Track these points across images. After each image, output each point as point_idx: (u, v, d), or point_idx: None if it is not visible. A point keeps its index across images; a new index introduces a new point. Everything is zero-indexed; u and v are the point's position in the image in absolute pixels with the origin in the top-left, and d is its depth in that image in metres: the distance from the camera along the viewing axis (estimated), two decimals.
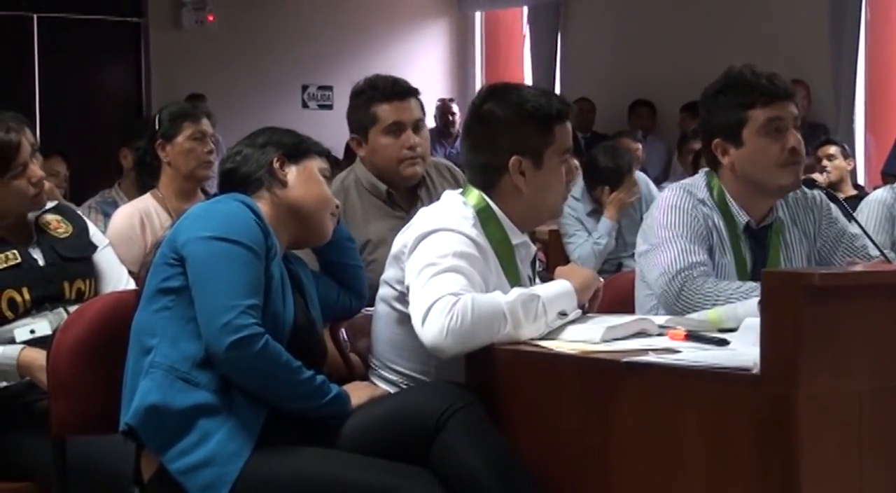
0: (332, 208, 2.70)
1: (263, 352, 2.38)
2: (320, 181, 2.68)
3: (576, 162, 6.53)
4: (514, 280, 2.67)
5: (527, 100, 2.68)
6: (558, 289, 2.58)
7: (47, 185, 3.12)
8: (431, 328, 2.44)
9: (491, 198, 2.70)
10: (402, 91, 3.49)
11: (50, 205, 3.19)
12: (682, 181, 3.18)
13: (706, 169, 3.13)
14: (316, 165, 2.69)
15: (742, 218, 3.05)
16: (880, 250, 3.15)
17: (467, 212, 2.67)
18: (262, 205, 2.60)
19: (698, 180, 3.11)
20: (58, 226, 3.14)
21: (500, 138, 2.68)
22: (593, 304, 2.70)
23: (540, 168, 2.68)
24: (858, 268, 2.83)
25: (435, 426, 2.36)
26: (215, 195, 2.76)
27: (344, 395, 2.49)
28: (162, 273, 2.49)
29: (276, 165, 2.64)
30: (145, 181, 3.89)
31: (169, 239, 2.51)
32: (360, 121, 3.50)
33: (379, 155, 3.45)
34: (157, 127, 3.86)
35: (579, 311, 2.61)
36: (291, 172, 2.65)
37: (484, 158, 2.71)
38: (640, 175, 6.34)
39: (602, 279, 2.78)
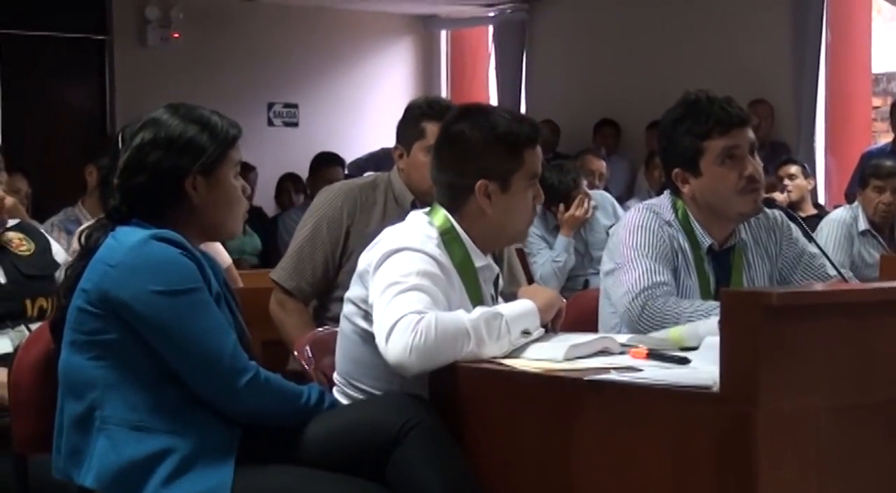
0: (244, 210, 2.59)
1: (268, 383, 2.42)
2: (235, 195, 2.56)
3: None
4: (477, 300, 2.68)
5: (498, 124, 2.69)
6: (521, 308, 2.59)
7: (10, 201, 3.12)
8: (395, 346, 2.45)
9: (456, 219, 2.71)
10: None
11: (12, 223, 3.18)
12: (649, 201, 3.21)
13: (671, 191, 3.16)
14: (228, 171, 2.53)
15: (705, 240, 3.08)
16: (837, 270, 3.19)
17: (431, 232, 2.69)
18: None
19: (664, 201, 3.13)
20: (20, 244, 3.13)
21: (469, 160, 2.69)
22: (556, 323, 2.71)
23: (506, 192, 2.70)
24: (816, 287, 2.86)
25: (393, 440, 2.37)
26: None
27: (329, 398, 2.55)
28: (89, 323, 2.40)
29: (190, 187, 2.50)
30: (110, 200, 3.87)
31: (97, 289, 2.39)
32: (406, 134, 3.57)
33: (417, 171, 3.50)
34: (120, 145, 3.85)
35: (542, 330, 2.63)
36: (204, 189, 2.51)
37: (451, 178, 2.72)
38: (604, 194, 6.40)
39: (565, 299, 2.80)
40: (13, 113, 9.35)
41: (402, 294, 2.51)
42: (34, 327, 2.90)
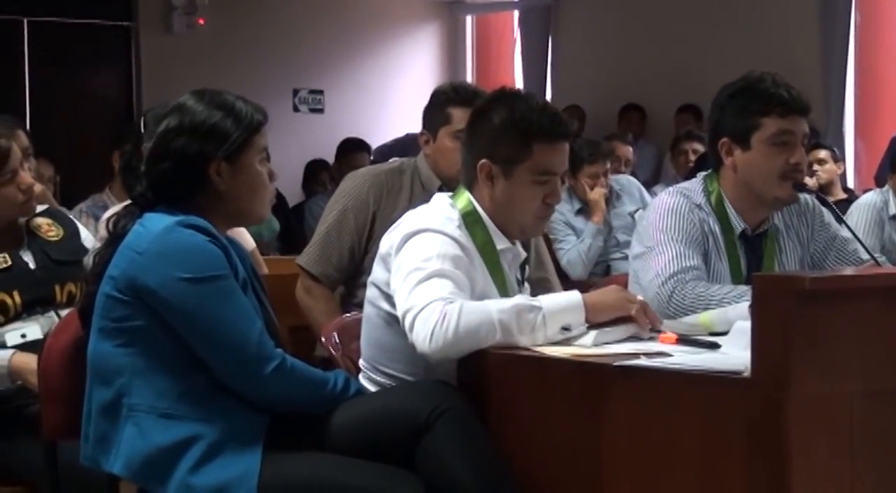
0: (271, 195, 2.62)
1: (294, 370, 2.42)
2: (260, 181, 2.55)
3: None
4: (501, 283, 2.67)
5: (517, 110, 2.68)
6: (565, 302, 2.53)
7: (39, 188, 3.12)
8: (418, 335, 2.45)
9: (473, 197, 2.71)
10: None
11: (41, 208, 3.18)
12: (680, 185, 3.20)
13: (704, 174, 3.14)
14: (253, 157, 2.52)
15: (739, 225, 3.05)
16: (870, 254, 3.16)
17: (452, 214, 2.68)
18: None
19: (696, 185, 3.12)
20: (49, 229, 3.13)
21: (480, 139, 2.71)
22: (642, 321, 2.56)
23: (509, 179, 2.68)
24: (849, 272, 2.84)
25: (421, 427, 2.36)
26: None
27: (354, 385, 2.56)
28: (117, 310, 2.41)
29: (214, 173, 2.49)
30: (132, 185, 3.87)
31: (124, 276, 2.39)
32: (433, 119, 3.57)
33: (444, 156, 3.50)
34: (142, 130, 3.85)
35: (584, 327, 2.52)
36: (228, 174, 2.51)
37: (465, 154, 2.76)
38: (630, 179, 6.36)
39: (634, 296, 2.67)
40: (40, 99, 9.38)
41: (424, 281, 2.50)
42: (63, 313, 2.91)
